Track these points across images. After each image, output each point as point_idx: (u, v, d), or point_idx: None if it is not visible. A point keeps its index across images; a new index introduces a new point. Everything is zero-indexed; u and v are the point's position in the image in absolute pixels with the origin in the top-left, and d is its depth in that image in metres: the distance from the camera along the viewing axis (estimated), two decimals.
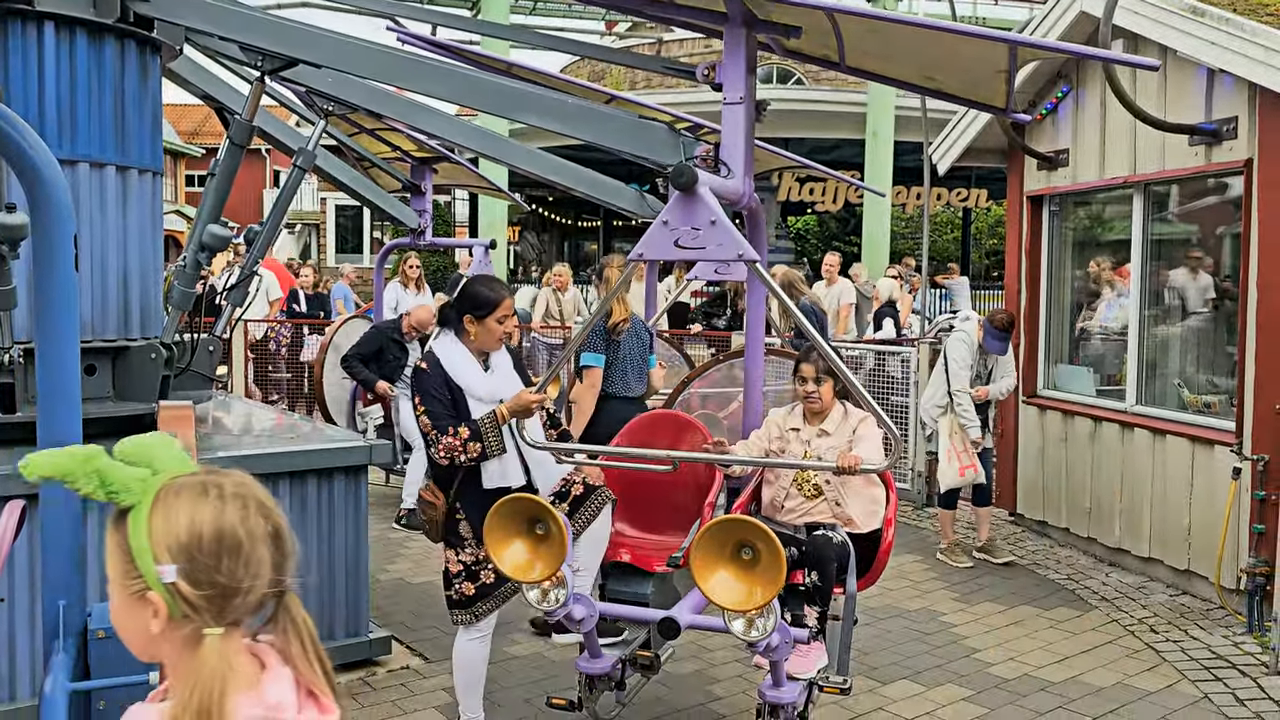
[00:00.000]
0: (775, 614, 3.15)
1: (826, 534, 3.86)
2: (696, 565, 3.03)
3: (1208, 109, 5.71)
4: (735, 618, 3.14)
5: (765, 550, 2.98)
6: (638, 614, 3.71)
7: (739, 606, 3.04)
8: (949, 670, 4.85)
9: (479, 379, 3.87)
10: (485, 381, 3.88)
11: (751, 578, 3.01)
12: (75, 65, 4.54)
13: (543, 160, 5.41)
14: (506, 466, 3.86)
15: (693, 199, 3.29)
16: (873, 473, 3.84)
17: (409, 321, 7.48)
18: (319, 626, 4.68)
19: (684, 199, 3.30)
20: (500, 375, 3.93)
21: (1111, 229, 7.16)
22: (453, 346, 3.90)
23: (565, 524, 3.27)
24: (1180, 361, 6.47)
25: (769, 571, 2.97)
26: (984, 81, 3.98)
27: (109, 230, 4.71)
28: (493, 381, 3.89)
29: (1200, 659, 4.99)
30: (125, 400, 4.75)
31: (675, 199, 3.33)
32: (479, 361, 3.91)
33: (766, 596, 2.98)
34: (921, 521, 7.72)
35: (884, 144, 19.39)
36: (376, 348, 7.36)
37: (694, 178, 3.25)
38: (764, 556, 2.99)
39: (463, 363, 3.87)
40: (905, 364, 8.42)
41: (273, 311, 12.08)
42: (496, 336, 3.89)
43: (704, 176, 3.35)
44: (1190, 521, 5.85)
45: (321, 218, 31.32)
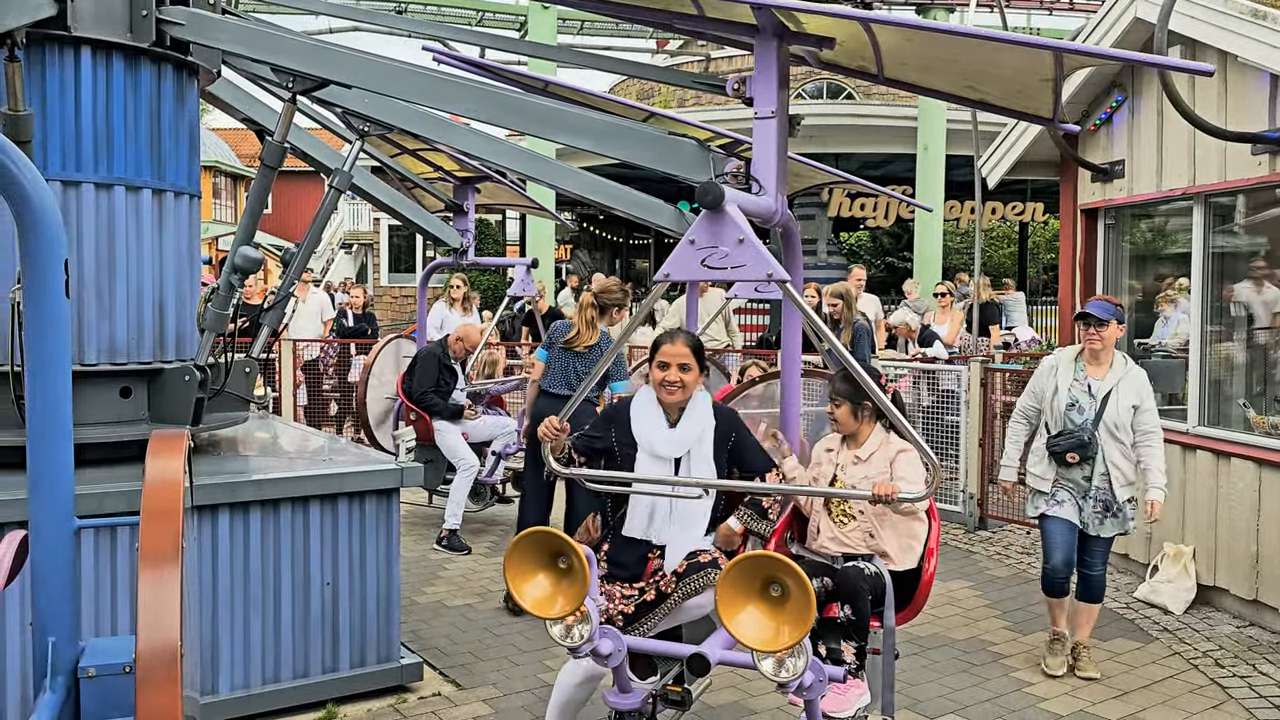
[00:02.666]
0: (807, 653, 3.02)
1: (858, 565, 3.70)
2: (722, 602, 2.89)
3: (1271, 116, 5.46)
4: (764, 657, 3.00)
5: (794, 587, 2.84)
6: (667, 649, 3.57)
7: (766, 646, 2.89)
8: (1000, 705, 4.64)
9: (652, 431, 3.72)
10: (660, 434, 3.71)
11: (779, 616, 2.87)
12: (111, 89, 4.57)
13: (580, 178, 5.34)
14: (655, 519, 3.71)
15: (720, 217, 3.17)
16: (909, 502, 3.63)
17: (458, 343, 7.50)
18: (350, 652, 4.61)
19: (711, 217, 3.19)
20: (685, 432, 3.71)
21: (1171, 242, 6.89)
22: (646, 394, 3.80)
23: (589, 558, 3.16)
24: (1246, 380, 6.18)
25: (797, 610, 2.82)
26: (1030, 91, 3.81)
27: (145, 253, 4.73)
28: (669, 435, 3.71)
29: (1270, 696, 4.71)
30: (160, 422, 4.76)
31: (702, 217, 3.22)
32: (664, 414, 3.75)
33: (794, 636, 2.84)
34: (973, 545, 7.47)
35: (935, 158, 19.10)
36: (436, 374, 7.39)
37: (720, 195, 3.14)
38: (793, 594, 2.85)
39: (646, 410, 3.76)
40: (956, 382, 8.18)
41: (325, 332, 12.21)
42: (660, 383, 3.73)
43: (731, 194, 3.24)
44: (1258, 549, 5.56)
45: (375, 238, 31.73)
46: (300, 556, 4.40)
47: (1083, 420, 4.90)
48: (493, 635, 5.48)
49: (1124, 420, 4.87)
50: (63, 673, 2.17)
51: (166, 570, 2.00)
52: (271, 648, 4.34)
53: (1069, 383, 5.00)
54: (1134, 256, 7.11)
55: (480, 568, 6.79)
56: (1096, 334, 4.90)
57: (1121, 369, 4.97)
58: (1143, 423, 4.89)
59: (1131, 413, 4.88)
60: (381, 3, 19.74)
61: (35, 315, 2.08)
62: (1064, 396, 4.97)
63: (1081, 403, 4.94)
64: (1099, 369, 4.98)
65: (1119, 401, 4.88)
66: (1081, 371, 5.01)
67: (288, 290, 5.24)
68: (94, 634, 3.93)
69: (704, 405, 3.86)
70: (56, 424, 2.14)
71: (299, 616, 4.40)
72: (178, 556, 2.03)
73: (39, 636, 2.17)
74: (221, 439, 5.30)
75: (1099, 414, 4.88)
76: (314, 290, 12.45)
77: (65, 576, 2.21)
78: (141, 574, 2.00)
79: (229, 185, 37.15)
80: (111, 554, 4.02)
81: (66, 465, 2.19)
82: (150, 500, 2.11)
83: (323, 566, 4.45)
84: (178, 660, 1.90)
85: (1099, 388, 4.93)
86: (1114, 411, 4.87)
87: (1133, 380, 4.94)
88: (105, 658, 2.25)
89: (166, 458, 2.21)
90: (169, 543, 2.04)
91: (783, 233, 4.14)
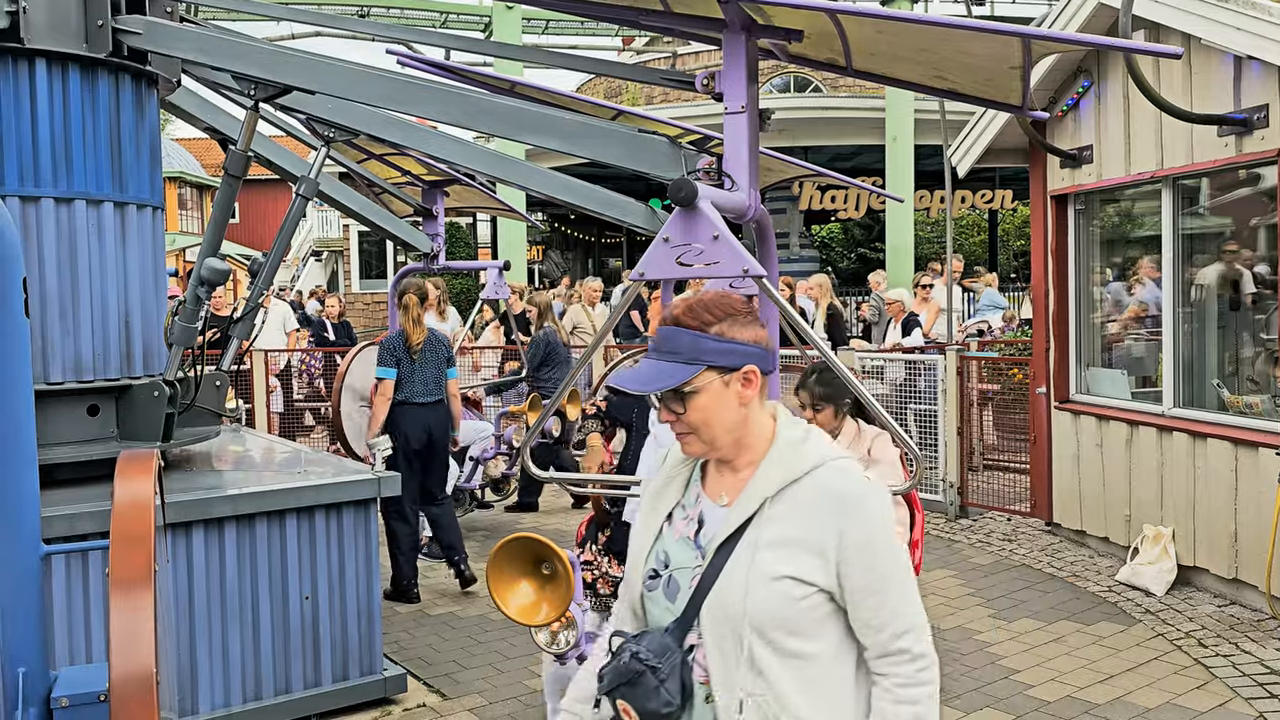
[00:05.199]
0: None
1: None
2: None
3: (1236, 98, 5.49)
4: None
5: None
6: None
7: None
8: (986, 694, 4.64)
9: None
10: None
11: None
12: (69, 102, 4.48)
13: (549, 179, 5.28)
14: None
15: (693, 214, 3.16)
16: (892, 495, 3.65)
17: None
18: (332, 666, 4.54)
19: (685, 214, 3.17)
20: None
21: (1141, 226, 6.93)
22: None
23: (572, 563, 3.14)
24: (1219, 361, 6.23)
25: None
26: (998, 79, 3.81)
27: (108, 268, 4.64)
28: None
29: (1253, 674, 4.74)
30: (130, 440, 4.67)
31: (676, 214, 3.20)
32: None
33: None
34: (954, 534, 7.49)
35: (904, 148, 19.18)
36: None
37: (693, 192, 3.12)
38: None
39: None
40: (932, 371, 8.20)
41: (290, 342, 12.07)
42: None
43: (704, 190, 3.22)
44: (1236, 528, 5.60)
45: (346, 244, 31.49)
46: (278, 571, 4.33)
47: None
48: (476, 643, 5.42)
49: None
50: (35, 704, 2.10)
51: (138, 596, 1.96)
52: (251, 665, 4.27)
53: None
54: (1105, 240, 7.15)
55: None
56: None
57: None
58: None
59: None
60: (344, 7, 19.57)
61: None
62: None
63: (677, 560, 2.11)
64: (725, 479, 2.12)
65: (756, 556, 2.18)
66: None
67: (256, 301, 5.16)
68: (69, 661, 3.84)
69: None
70: (19, 449, 2.07)
71: (279, 632, 4.33)
72: (150, 581, 1.99)
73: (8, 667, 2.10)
74: (194, 454, 5.21)
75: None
76: (275, 301, 12.29)
77: (34, 604, 2.15)
78: (113, 601, 1.96)
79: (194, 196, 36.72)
80: (84, 578, 3.94)
81: (31, 491, 2.12)
82: (120, 523, 2.06)
83: (301, 580, 4.38)
84: (153, 688, 1.86)
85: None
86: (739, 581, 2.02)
87: None
88: (79, 687, 2.19)
89: (135, 479, 2.15)
90: (140, 568, 1.99)
91: (756, 228, 4.12)
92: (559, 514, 8.34)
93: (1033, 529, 7.47)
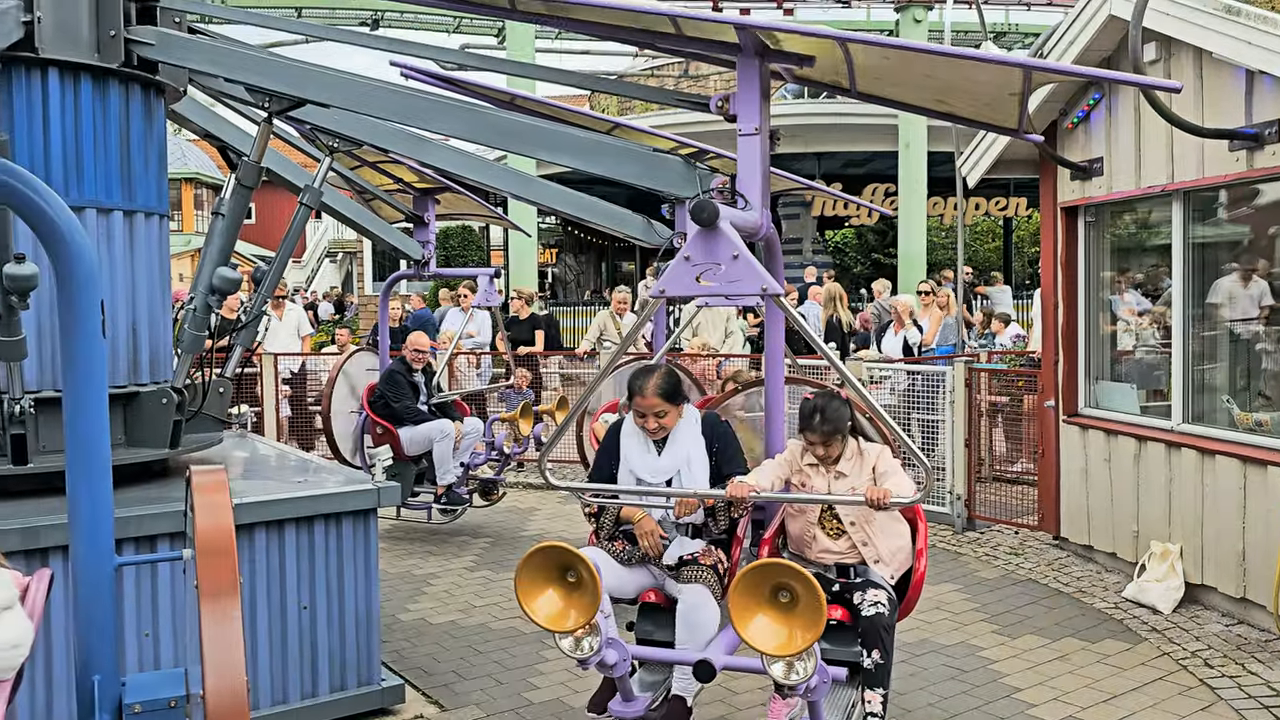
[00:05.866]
0: (815, 656, 3.11)
1: (880, 610, 3.70)
2: (735, 609, 2.99)
3: (1248, 112, 5.45)
4: (774, 661, 3.10)
5: (804, 593, 2.95)
6: (671, 656, 3.63)
7: (780, 651, 3.00)
8: (988, 713, 4.61)
9: (639, 457, 4.00)
10: (645, 460, 3.99)
11: (791, 621, 2.98)
12: (80, 111, 4.51)
13: (548, 190, 5.31)
14: None
15: (714, 234, 3.22)
16: (904, 505, 3.68)
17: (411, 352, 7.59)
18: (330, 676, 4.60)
19: (705, 234, 3.22)
20: (669, 459, 3.98)
21: (1152, 238, 6.89)
22: (630, 423, 4.08)
23: (597, 570, 3.17)
24: (1230, 377, 6.18)
25: (808, 614, 2.93)
26: (997, 104, 3.84)
27: (117, 275, 4.67)
28: (655, 462, 3.98)
29: (1259, 696, 4.69)
30: (136, 446, 4.70)
31: (696, 234, 3.25)
32: (651, 442, 4.02)
33: (807, 640, 2.95)
34: (960, 547, 7.45)
35: (917, 155, 19.15)
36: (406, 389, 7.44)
37: (715, 213, 3.18)
38: (803, 599, 2.95)
39: (632, 435, 4.04)
40: (940, 381, 8.16)
41: (305, 347, 12.11)
42: (644, 428, 4.00)
43: (724, 211, 3.25)
44: (1244, 546, 5.55)
45: (359, 247, 31.66)
46: (275, 580, 4.34)
47: None
48: (476, 653, 5.42)
49: None
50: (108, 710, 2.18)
51: (227, 605, 2.08)
52: (249, 675, 4.27)
53: None
54: (1115, 253, 7.11)
55: (465, 582, 6.74)
56: None
57: None
58: None
59: None
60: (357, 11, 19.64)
61: (71, 355, 2.07)
62: None
63: None
64: None
65: None
66: None
67: (259, 309, 5.19)
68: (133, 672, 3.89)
69: (687, 428, 4.05)
70: (95, 463, 2.14)
71: (275, 642, 4.34)
72: (236, 592, 2.12)
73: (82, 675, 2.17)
74: (194, 461, 5.23)
75: None
76: (291, 305, 12.31)
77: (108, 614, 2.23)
78: (204, 611, 2.07)
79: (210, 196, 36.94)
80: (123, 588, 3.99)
81: (106, 503, 2.19)
82: (205, 538, 2.17)
83: (299, 590, 4.39)
84: (246, 695, 1.97)
85: None
86: None
87: None
88: (149, 693, 2.29)
89: (214, 493, 2.25)
90: (227, 579, 2.13)
91: (764, 244, 4.14)
92: (561, 520, 8.35)
93: (1040, 543, 7.42)
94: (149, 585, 4.05)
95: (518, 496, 9.32)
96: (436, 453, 7.46)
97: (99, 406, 2.12)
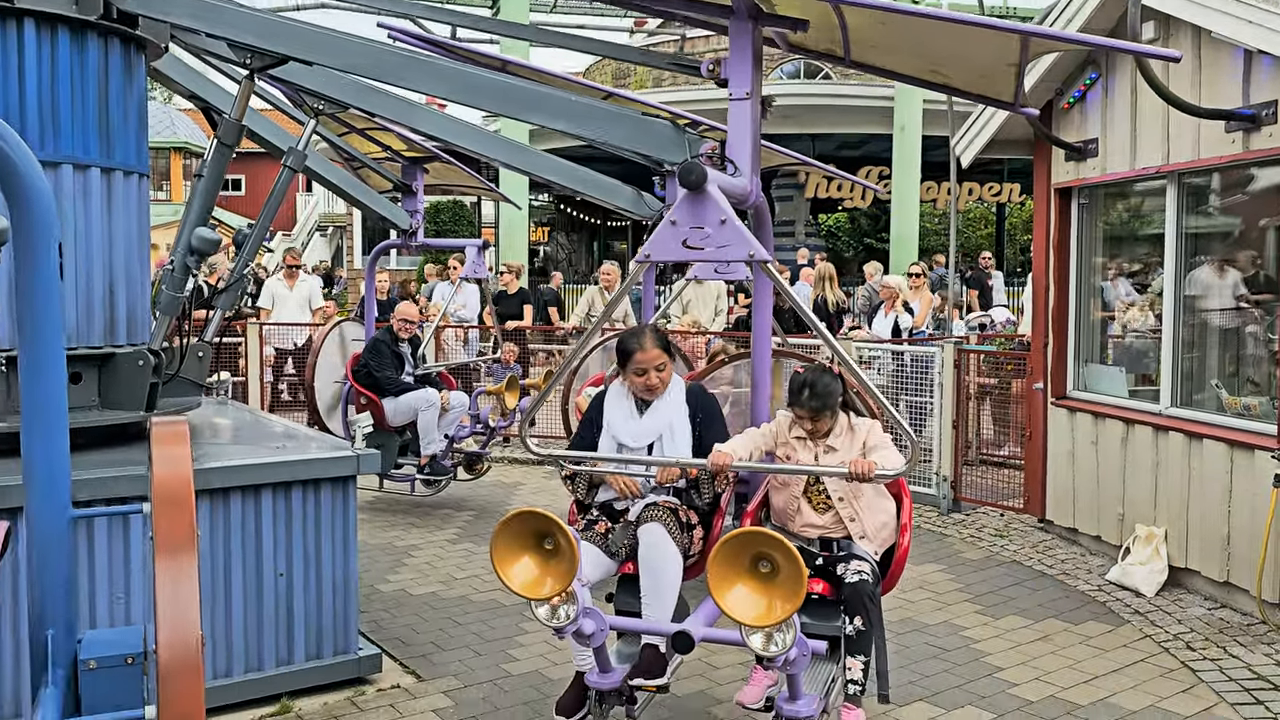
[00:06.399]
0: (795, 628, 3.06)
1: (864, 578, 3.66)
2: (713, 579, 2.92)
3: (1245, 93, 5.39)
4: (753, 632, 3.04)
5: (785, 563, 2.88)
6: (649, 627, 3.57)
7: (759, 622, 2.93)
8: (969, 691, 4.59)
9: (621, 422, 3.95)
10: (628, 425, 3.94)
11: (771, 591, 2.91)
12: (57, 64, 4.40)
13: (538, 159, 5.23)
14: None
15: (701, 198, 3.14)
16: (888, 479, 3.63)
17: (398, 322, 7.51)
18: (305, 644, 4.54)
19: (692, 198, 3.15)
20: (652, 422, 3.93)
21: (1145, 222, 6.84)
22: (618, 386, 4.04)
23: (575, 538, 3.11)
24: (1219, 361, 6.14)
25: (789, 585, 2.87)
26: (993, 75, 3.77)
27: (93, 234, 4.57)
28: (637, 426, 3.93)
29: (1240, 679, 4.68)
30: (112, 409, 4.62)
31: (683, 198, 3.18)
32: (634, 407, 3.98)
33: (786, 611, 2.89)
34: (946, 528, 7.43)
35: (912, 138, 19.05)
36: (390, 359, 7.37)
37: (703, 176, 3.10)
38: (783, 569, 2.89)
39: (617, 405, 3.99)
40: (929, 363, 8.12)
41: (315, 319, 11.99)
42: (638, 386, 3.94)
43: (713, 175, 3.18)
44: (1229, 530, 5.53)
45: (349, 220, 31.44)
46: (251, 546, 4.28)
47: None
48: (456, 625, 5.38)
49: None
50: (62, 665, 2.11)
51: (183, 560, 2.02)
52: (222, 640, 4.22)
53: None
54: (1108, 237, 7.06)
55: (447, 555, 6.69)
56: None
57: None
58: None
59: None
60: None
61: (27, 300, 1.98)
62: None
63: None
64: None
65: None
66: None
67: (241, 273, 5.10)
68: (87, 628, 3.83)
69: (673, 395, 4.01)
70: (51, 412, 2.07)
71: (251, 608, 4.28)
72: (194, 545, 2.05)
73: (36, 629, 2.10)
74: None
75: None
76: (305, 277, 12.08)
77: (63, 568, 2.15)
78: (159, 564, 2.01)
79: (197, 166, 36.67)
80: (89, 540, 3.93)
81: (62, 454, 2.11)
82: (162, 489, 2.13)
83: (275, 556, 4.32)
84: (200, 649, 1.92)
85: None
86: None
87: None
88: (105, 649, 2.23)
89: (173, 446, 2.19)
90: (184, 532, 2.07)
91: (754, 213, 4.07)
92: (546, 494, 8.30)
93: (1025, 525, 7.41)
94: (121, 548, 3.98)
95: (503, 471, 9.26)
96: (421, 422, 7.39)
97: (55, 352, 2.04)
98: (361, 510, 7.68)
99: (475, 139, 5.20)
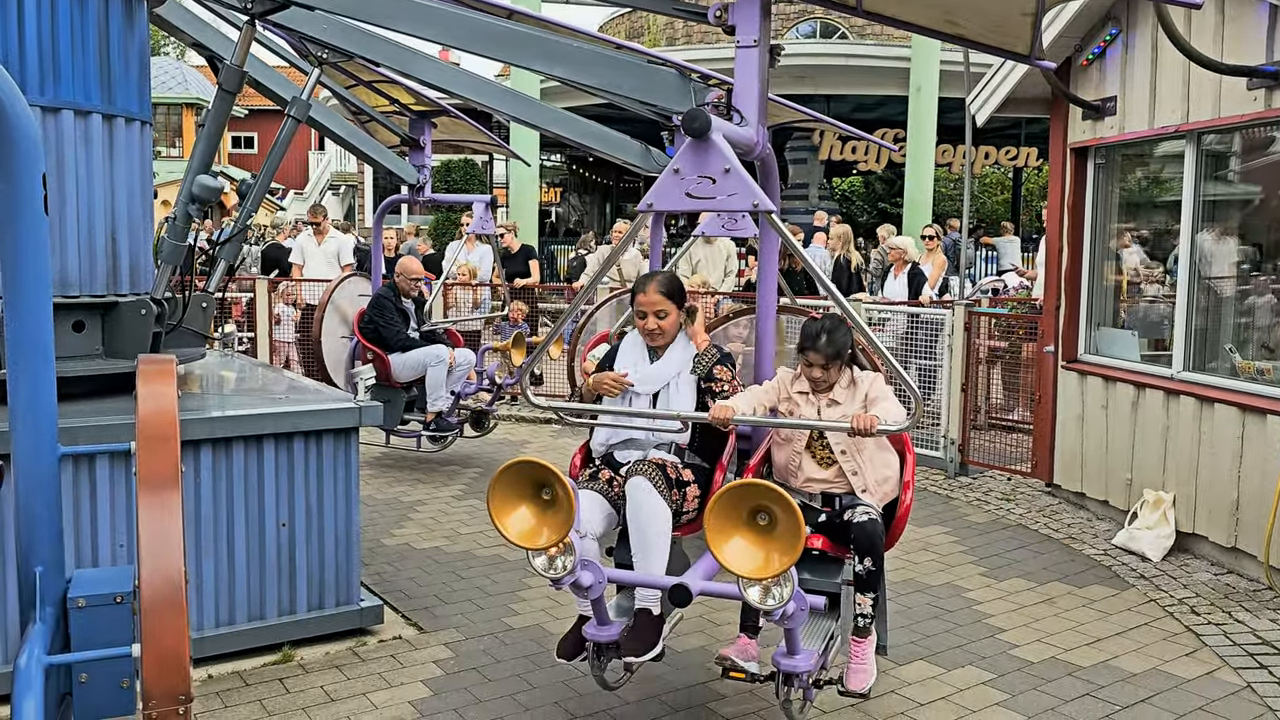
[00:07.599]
0: (793, 581, 3.03)
1: (871, 517, 3.62)
2: (711, 532, 2.89)
3: (1270, 49, 5.26)
4: (751, 585, 3.01)
5: (783, 516, 2.85)
6: (647, 580, 3.54)
7: (756, 574, 2.91)
8: (970, 651, 4.57)
9: (632, 365, 3.91)
10: (638, 368, 3.90)
11: (768, 544, 2.88)
12: (56, 9, 4.34)
13: (544, 111, 5.15)
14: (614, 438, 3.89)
15: (706, 146, 3.07)
16: (891, 433, 3.59)
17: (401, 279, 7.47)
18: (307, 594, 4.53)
19: (696, 146, 3.08)
20: (661, 368, 3.88)
21: (1163, 188, 6.73)
22: (635, 334, 4.00)
23: (573, 489, 3.08)
24: (1234, 325, 6.06)
25: (787, 537, 2.84)
26: (1009, 25, 3.66)
27: (95, 181, 4.53)
28: (645, 370, 3.88)
29: (1244, 644, 4.65)
30: (114, 358, 4.61)
31: (687, 146, 3.11)
32: (648, 353, 3.93)
33: (784, 563, 2.86)
34: (952, 491, 7.40)
35: (928, 100, 18.78)
36: (394, 316, 7.35)
37: (707, 123, 3.03)
38: (781, 522, 2.86)
39: (630, 349, 3.96)
40: (939, 326, 8.05)
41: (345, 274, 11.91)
42: (641, 331, 3.91)
43: (717, 123, 3.10)
44: (1238, 496, 5.48)
45: (360, 178, 31.35)
46: (254, 497, 4.28)
47: None
48: (459, 579, 5.39)
49: None
50: (51, 603, 2.10)
51: (167, 496, 1.99)
52: (225, 590, 4.23)
53: None
54: (1124, 202, 6.95)
55: (451, 510, 6.70)
56: None
57: None
58: None
59: None
60: None
61: (11, 235, 1.94)
62: None
63: None
64: None
65: None
66: None
67: (244, 223, 5.07)
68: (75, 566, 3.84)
69: (683, 345, 3.95)
70: (37, 348, 2.03)
71: (254, 558, 4.29)
72: (177, 482, 2.01)
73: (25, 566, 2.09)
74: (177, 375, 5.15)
75: None
76: (334, 233, 11.94)
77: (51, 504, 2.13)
78: (141, 500, 1.98)
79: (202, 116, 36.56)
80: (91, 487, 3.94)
81: (49, 390, 2.08)
82: (146, 426, 2.09)
83: (278, 507, 4.32)
84: (183, 585, 1.89)
85: None
86: None
87: None
88: (94, 588, 2.22)
89: (158, 382, 2.15)
90: (168, 468, 2.03)
91: (760, 164, 3.99)
92: (552, 453, 8.30)
93: (1032, 490, 7.37)
94: (123, 496, 3.98)
95: (510, 429, 9.26)
96: (430, 378, 7.37)
97: (41, 286, 2.01)
98: (367, 466, 7.73)
99: (479, 89, 5.12)
